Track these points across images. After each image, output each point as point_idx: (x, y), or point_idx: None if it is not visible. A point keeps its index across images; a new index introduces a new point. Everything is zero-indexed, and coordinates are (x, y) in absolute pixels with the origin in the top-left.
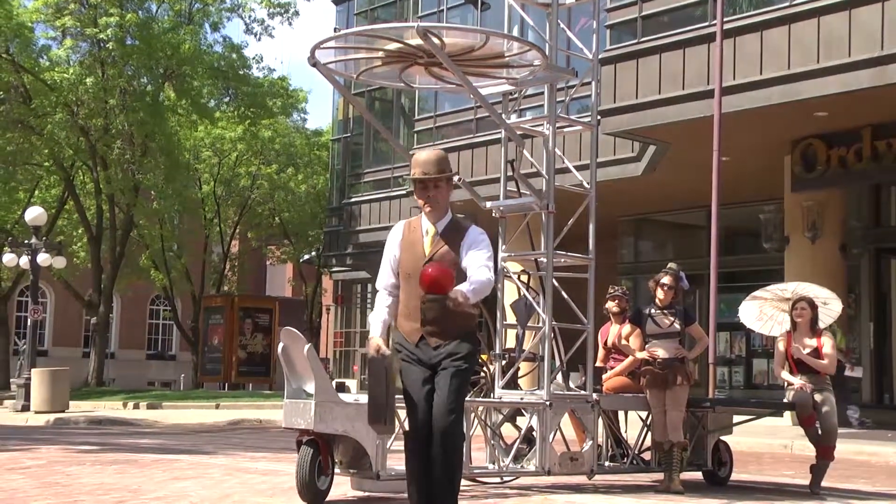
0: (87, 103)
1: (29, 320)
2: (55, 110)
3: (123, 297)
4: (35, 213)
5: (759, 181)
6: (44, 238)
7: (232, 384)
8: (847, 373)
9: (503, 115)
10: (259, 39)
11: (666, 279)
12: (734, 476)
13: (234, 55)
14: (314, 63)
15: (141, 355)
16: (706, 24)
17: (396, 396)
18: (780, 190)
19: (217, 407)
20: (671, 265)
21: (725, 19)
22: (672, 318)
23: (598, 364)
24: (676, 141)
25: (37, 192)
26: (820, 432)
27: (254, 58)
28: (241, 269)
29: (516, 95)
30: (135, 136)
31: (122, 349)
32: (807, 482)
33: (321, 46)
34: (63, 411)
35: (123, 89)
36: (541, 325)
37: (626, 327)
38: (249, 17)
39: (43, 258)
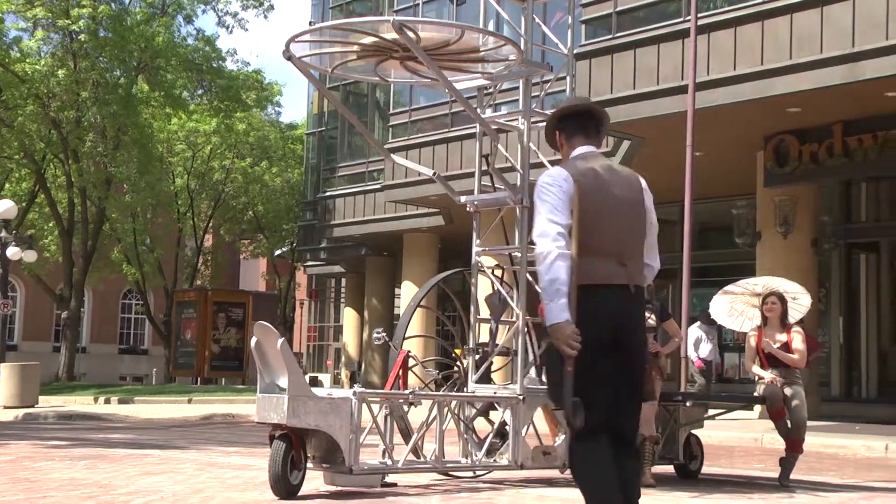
0: (58, 95)
1: None
2: (26, 102)
3: (95, 291)
4: (5, 207)
5: (732, 176)
6: (14, 231)
7: (205, 379)
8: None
9: (478, 110)
10: (231, 32)
11: None
12: (705, 469)
13: (208, 48)
14: (289, 56)
15: (113, 350)
16: (680, 19)
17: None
18: (753, 185)
19: (189, 401)
20: None
21: (699, 15)
22: (647, 314)
23: None
24: (650, 136)
25: (7, 185)
26: (789, 425)
27: (228, 51)
28: (215, 263)
29: (491, 90)
30: (107, 129)
31: (94, 343)
32: (776, 475)
33: (296, 40)
34: (33, 406)
35: (96, 81)
36: (515, 319)
37: None
38: (223, 9)
39: (13, 252)
